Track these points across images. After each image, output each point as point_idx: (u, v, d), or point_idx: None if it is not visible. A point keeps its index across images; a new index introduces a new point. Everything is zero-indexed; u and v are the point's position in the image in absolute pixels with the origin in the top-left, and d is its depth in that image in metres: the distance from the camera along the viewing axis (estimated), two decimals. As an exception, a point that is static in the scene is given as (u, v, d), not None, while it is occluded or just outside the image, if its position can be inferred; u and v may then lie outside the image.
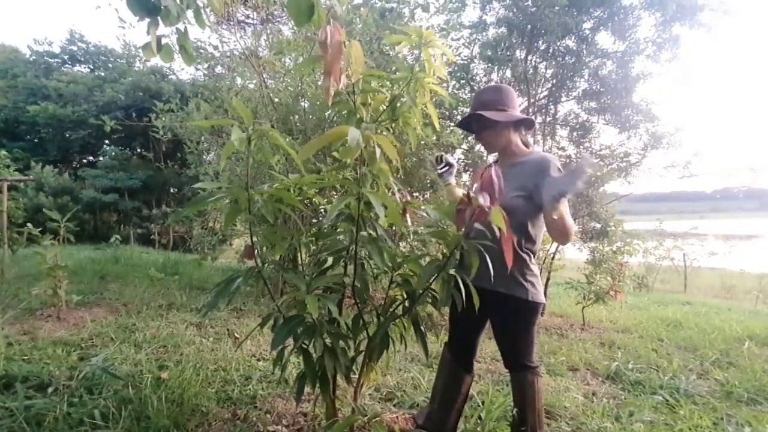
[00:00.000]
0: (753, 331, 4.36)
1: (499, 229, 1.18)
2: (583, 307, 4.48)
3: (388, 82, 1.84)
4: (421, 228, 2.05)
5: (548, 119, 6.27)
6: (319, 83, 4.25)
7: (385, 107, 1.74)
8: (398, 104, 1.72)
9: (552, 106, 6.23)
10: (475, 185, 1.24)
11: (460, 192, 1.75)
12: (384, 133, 1.71)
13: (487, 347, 3.27)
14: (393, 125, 1.79)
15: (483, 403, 2.03)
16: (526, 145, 1.69)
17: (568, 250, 7.70)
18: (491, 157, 1.85)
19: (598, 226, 4.84)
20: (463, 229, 1.33)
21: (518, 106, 1.66)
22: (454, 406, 1.76)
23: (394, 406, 2.13)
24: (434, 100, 2.44)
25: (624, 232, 4.86)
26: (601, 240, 4.83)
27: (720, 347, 3.69)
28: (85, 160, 16.27)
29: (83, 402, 1.90)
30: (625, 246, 4.67)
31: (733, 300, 8.52)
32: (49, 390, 2.00)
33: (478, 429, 1.82)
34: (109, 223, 14.56)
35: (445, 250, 1.50)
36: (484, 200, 1.19)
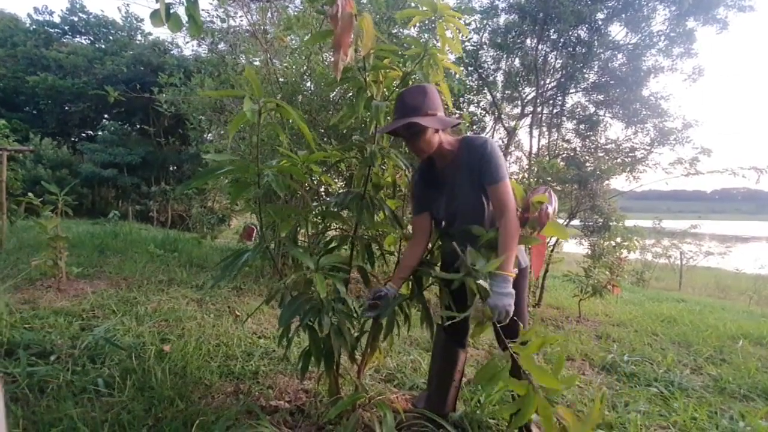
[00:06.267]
0: (747, 330, 4.39)
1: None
2: (580, 300, 4.50)
3: (399, 60, 1.80)
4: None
5: (555, 110, 6.23)
6: (326, 62, 4.18)
7: (396, 85, 1.71)
8: (410, 82, 1.69)
9: (560, 98, 6.18)
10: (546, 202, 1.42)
11: (406, 267, 1.65)
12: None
13: (484, 334, 3.28)
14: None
15: (482, 386, 2.04)
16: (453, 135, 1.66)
17: (567, 245, 7.73)
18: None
19: (600, 220, 4.85)
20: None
21: (441, 106, 1.58)
22: (451, 383, 1.78)
23: (394, 387, 2.15)
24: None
25: (625, 228, 4.88)
26: (602, 234, 4.84)
27: (714, 344, 3.72)
28: (84, 134, 16.12)
29: (86, 370, 1.91)
30: (624, 241, 4.69)
31: (727, 300, 8.59)
32: (52, 358, 2.01)
33: (478, 412, 1.84)
34: (108, 198, 14.51)
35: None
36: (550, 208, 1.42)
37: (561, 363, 1.33)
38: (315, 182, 3.62)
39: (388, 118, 1.66)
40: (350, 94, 3.90)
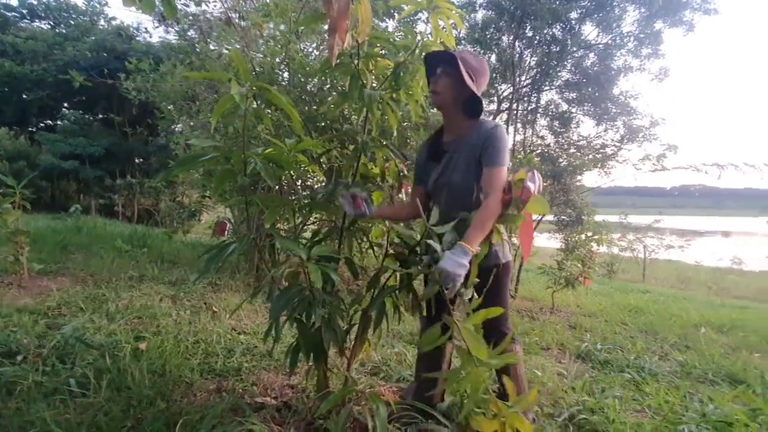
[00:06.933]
0: (708, 318, 4.65)
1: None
2: (553, 292, 4.63)
3: (387, 50, 1.77)
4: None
5: (530, 107, 6.34)
6: (305, 51, 4.09)
7: (387, 75, 1.68)
8: (401, 73, 1.66)
9: (534, 95, 6.29)
10: (527, 179, 1.39)
11: (391, 211, 1.71)
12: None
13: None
14: (394, 95, 1.74)
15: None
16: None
17: (540, 239, 7.92)
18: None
19: (573, 214, 5.00)
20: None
21: (483, 84, 1.62)
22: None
23: (381, 379, 2.15)
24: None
25: (595, 223, 5.06)
26: (575, 228, 5.00)
27: (678, 332, 3.92)
28: (43, 124, 15.23)
29: (56, 371, 1.80)
30: (595, 235, 4.85)
31: (687, 290, 9.06)
32: (18, 358, 1.89)
33: (465, 401, 1.86)
34: (68, 192, 13.75)
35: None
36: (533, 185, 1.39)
37: (508, 341, 1.40)
38: (295, 173, 3.55)
39: (385, 116, 1.64)
40: (328, 86, 3.84)
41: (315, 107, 3.66)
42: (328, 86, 3.78)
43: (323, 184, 3.31)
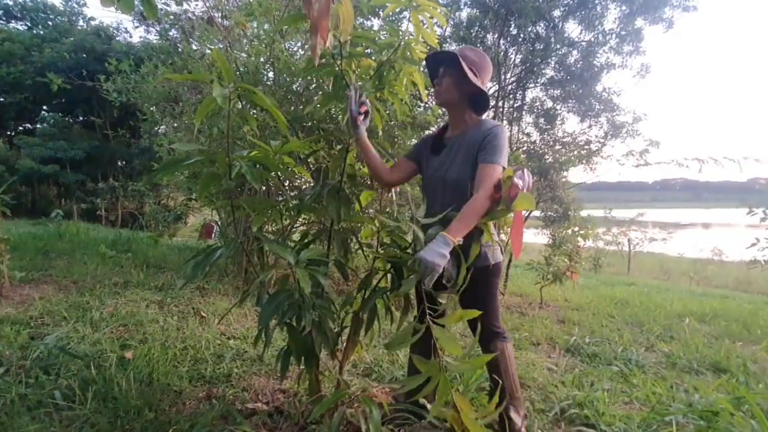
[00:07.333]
0: (691, 308, 4.76)
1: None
2: (542, 287, 4.68)
3: (371, 49, 1.76)
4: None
5: (515, 105, 6.39)
6: (290, 50, 4.05)
7: (370, 75, 1.67)
8: (385, 72, 1.65)
9: (520, 92, 6.34)
10: (516, 176, 1.39)
11: (374, 156, 1.69)
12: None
13: (455, 326, 3.35)
14: (378, 94, 1.73)
15: (460, 376, 2.07)
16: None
17: (527, 235, 8.01)
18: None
19: (560, 210, 5.06)
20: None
21: (486, 81, 1.65)
22: None
23: (373, 381, 2.14)
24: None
25: (582, 218, 5.14)
26: (562, 223, 5.06)
27: (663, 323, 3.99)
28: (21, 128, 14.86)
29: (40, 383, 1.75)
30: (581, 230, 4.92)
31: (670, 281, 9.26)
32: (1, 370, 1.83)
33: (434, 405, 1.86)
34: (49, 197, 13.47)
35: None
36: (522, 182, 1.38)
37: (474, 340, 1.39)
38: (282, 174, 3.51)
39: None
40: (314, 85, 3.81)
41: (301, 107, 3.63)
42: (314, 86, 3.75)
43: (311, 185, 3.29)
